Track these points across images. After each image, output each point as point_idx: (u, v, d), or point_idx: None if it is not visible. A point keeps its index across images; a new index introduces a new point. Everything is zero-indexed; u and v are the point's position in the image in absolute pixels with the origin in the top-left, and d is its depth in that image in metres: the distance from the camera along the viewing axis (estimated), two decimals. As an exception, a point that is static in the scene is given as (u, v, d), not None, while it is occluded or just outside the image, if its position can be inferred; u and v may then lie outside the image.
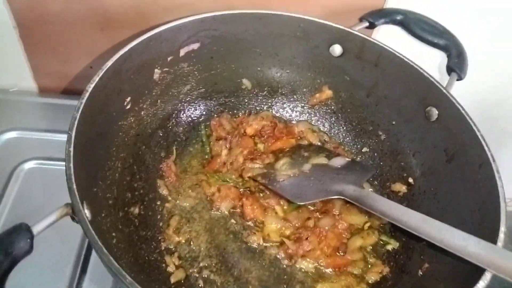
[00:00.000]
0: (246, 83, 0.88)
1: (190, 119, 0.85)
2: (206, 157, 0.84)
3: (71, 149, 0.54)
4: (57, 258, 0.72)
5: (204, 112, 0.87)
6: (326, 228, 0.74)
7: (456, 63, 0.79)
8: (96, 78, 0.62)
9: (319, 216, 0.76)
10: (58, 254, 0.72)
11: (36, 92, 0.99)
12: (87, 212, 0.52)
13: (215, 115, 0.87)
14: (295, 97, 0.90)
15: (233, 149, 0.83)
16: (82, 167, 0.57)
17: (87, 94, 0.60)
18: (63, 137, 0.85)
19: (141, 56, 0.71)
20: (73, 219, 0.52)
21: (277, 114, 0.90)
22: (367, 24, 0.82)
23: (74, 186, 0.51)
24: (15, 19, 0.85)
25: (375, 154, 0.85)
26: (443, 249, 0.61)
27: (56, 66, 0.95)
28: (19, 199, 0.79)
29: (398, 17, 0.82)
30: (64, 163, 0.81)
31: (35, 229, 0.48)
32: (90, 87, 0.61)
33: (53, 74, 0.96)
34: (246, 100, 0.89)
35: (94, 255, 0.74)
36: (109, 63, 0.64)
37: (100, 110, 0.64)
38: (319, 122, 0.90)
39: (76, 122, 0.56)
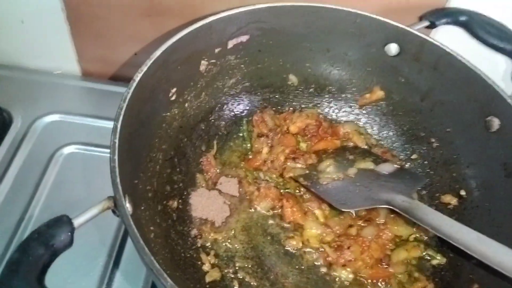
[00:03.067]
0: (293, 79, 0.85)
1: (232, 113, 0.83)
2: (247, 153, 0.81)
3: (117, 140, 0.52)
4: (90, 248, 0.71)
5: (247, 107, 0.84)
6: (370, 238, 0.70)
7: (524, 71, 0.73)
8: (144, 68, 0.60)
9: (362, 225, 0.72)
10: (92, 244, 0.71)
11: (79, 76, 0.99)
12: (128, 207, 0.50)
13: (258, 111, 0.84)
14: (343, 96, 0.86)
15: (275, 147, 0.80)
16: (125, 158, 0.55)
17: (134, 84, 0.58)
18: (104, 123, 0.88)
19: (189, 47, 0.68)
20: (114, 212, 0.51)
21: (323, 113, 0.86)
22: (427, 23, 0.78)
23: (118, 180, 0.49)
24: (63, 1, 0.84)
25: (426, 162, 0.80)
26: (498, 270, 0.57)
27: (100, 51, 0.94)
28: (57, 184, 0.79)
29: (462, 18, 0.77)
30: (104, 149, 0.83)
31: (76, 222, 0.46)
32: (138, 76, 0.59)
33: (97, 59, 0.96)
34: (291, 97, 0.86)
35: (127, 247, 0.73)
36: (158, 53, 0.62)
37: (146, 101, 0.63)
38: (367, 124, 0.86)
39: (122, 112, 0.55)
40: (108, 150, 0.82)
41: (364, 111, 0.85)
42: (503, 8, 0.78)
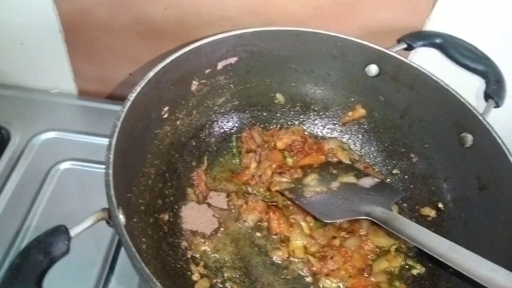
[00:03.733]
0: (280, 97, 0.89)
1: (222, 130, 0.87)
2: (236, 168, 0.85)
3: (111, 155, 0.56)
4: (85, 256, 0.74)
5: (236, 124, 0.88)
6: (352, 248, 0.74)
7: (494, 90, 0.78)
8: (138, 88, 0.64)
9: (345, 236, 0.76)
10: (87, 253, 0.74)
11: (75, 94, 1.03)
12: (121, 218, 0.54)
13: (247, 128, 0.89)
14: (327, 114, 0.90)
15: (262, 162, 0.84)
16: (119, 173, 0.58)
17: (128, 103, 0.62)
18: (99, 140, 0.91)
19: (181, 68, 0.72)
20: (108, 223, 0.54)
21: (308, 130, 0.91)
22: (405, 45, 0.82)
23: (112, 192, 0.53)
24: (61, 23, 0.88)
25: (406, 176, 0.84)
26: (471, 278, 0.61)
27: (96, 71, 0.98)
28: (54, 198, 0.82)
29: (437, 41, 0.82)
30: (98, 165, 0.86)
31: (73, 232, 0.50)
32: (132, 96, 0.63)
33: (93, 78, 1.00)
34: (278, 115, 0.90)
35: (122, 255, 0.76)
36: (151, 74, 0.66)
37: (139, 119, 0.66)
38: (350, 141, 0.90)
39: (117, 130, 0.58)
40: (103, 166, 0.87)
41: (347, 128, 0.90)
42: (475, 31, 0.83)
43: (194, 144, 0.82)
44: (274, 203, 0.80)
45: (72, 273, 0.71)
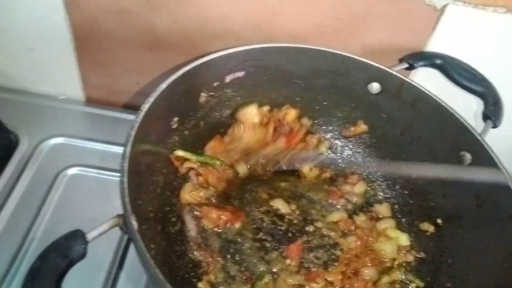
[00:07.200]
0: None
1: (228, 141, 0.89)
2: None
3: (126, 164, 0.58)
4: (95, 254, 0.74)
5: (241, 136, 0.90)
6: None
7: (492, 111, 0.80)
8: (151, 99, 0.66)
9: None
10: (96, 250, 0.75)
11: (83, 101, 1.04)
12: (135, 224, 0.55)
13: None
14: (330, 128, 0.92)
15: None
16: (131, 181, 0.60)
17: (142, 113, 0.64)
18: (107, 147, 0.93)
19: (191, 80, 0.75)
20: (121, 229, 0.56)
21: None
22: (406, 65, 0.84)
23: (127, 200, 0.54)
24: (73, 33, 0.91)
25: (406, 192, 0.87)
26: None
27: (104, 79, 1.00)
28: (61, 203, 0.83)
29: (437, 61, 0.84)
30: (106, 171, 0.88)
31: (89, 236, 0.51)
32: (145, 107, 0.65)
33: (100, 86, 1.02)
34: (282, 126, 0.92)
35: (129, 257, 0.78)
36: (163, 86, 0.68)
37: (150, 129, 0.68)
38: (352, 154, 0.92)
39: (131, 139, 0.60)
40: (109, 172, 0.89)
41: (349, 143, 0.92)
42: (474, 53, 0.86)
43: (200, 154, 0.84)
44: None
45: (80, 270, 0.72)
